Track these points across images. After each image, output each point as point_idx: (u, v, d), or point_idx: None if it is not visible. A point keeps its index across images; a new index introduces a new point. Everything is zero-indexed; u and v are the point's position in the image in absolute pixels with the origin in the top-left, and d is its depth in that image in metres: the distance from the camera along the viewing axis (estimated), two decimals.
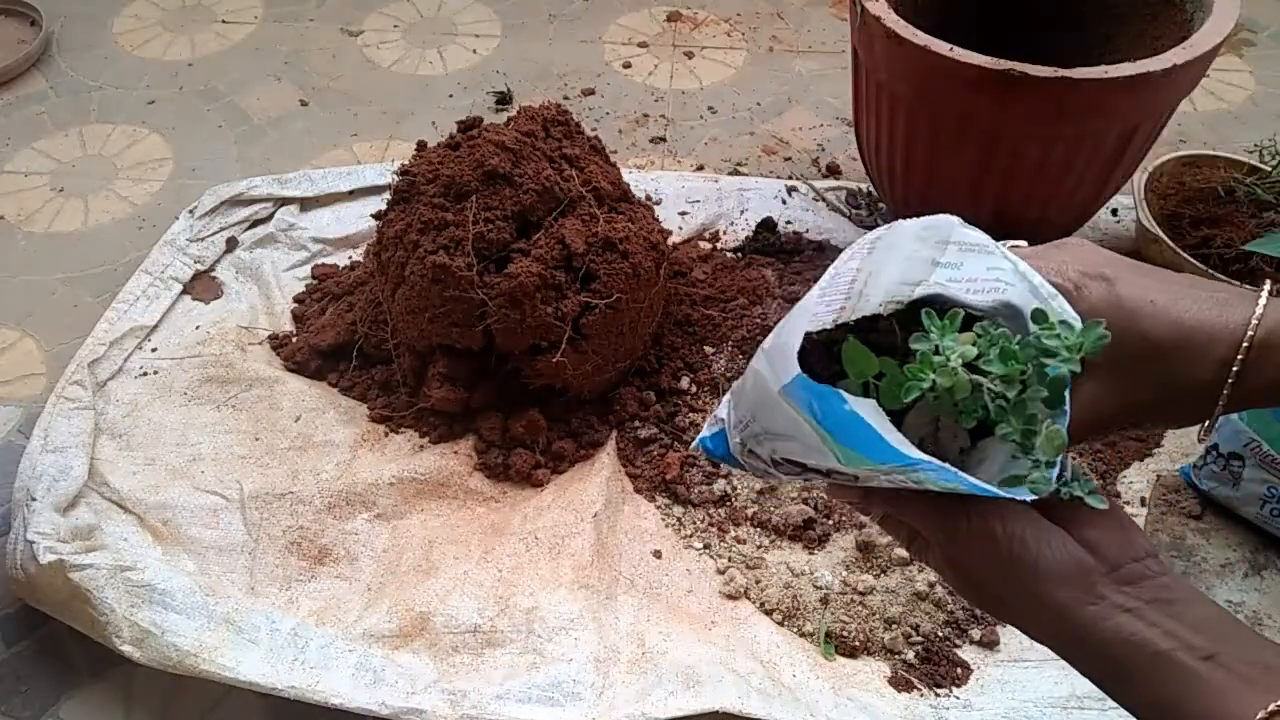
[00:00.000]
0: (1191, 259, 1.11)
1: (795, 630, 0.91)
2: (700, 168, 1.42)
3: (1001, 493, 0.38)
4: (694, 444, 0.51)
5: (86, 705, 0.89)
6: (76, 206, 1.37)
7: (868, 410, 0.37)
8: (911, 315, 0.39)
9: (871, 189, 1.33)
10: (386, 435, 1.06)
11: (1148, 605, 0.39)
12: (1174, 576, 0.41)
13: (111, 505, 0.97)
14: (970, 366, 0.38)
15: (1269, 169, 1.18)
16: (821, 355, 0.42)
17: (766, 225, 1.28)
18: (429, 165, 1.01)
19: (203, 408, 1.08)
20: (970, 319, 0.39)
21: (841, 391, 0.37)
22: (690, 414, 1.06)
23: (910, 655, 0.89)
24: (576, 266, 0.98)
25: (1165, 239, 1.13)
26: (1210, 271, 1.09)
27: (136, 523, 0.96)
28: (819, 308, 0.41)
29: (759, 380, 0.42)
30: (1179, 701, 0.38)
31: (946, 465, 0.37)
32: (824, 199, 1.34)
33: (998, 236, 0.43)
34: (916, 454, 0.37)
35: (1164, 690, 0.38)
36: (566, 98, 1.55)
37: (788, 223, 1.29)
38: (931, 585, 0.92)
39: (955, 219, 0.41)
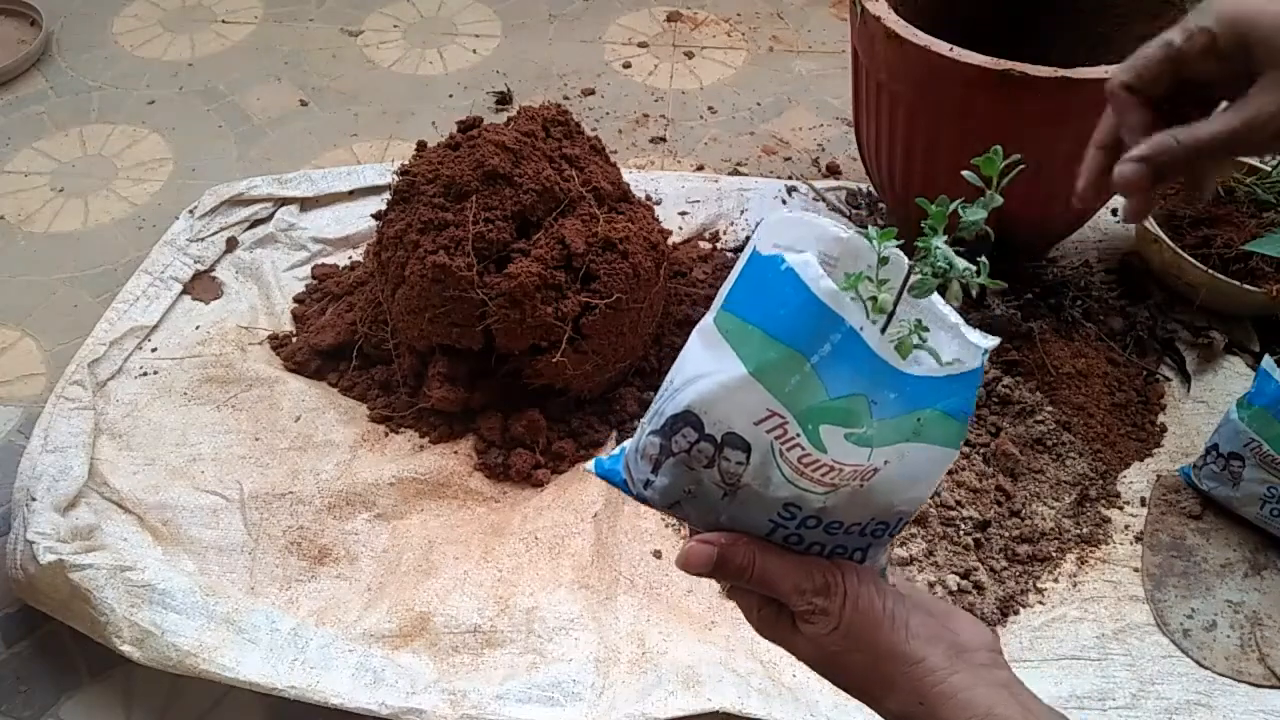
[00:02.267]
0: (1191, 259, 1.11)
1: None
2: (700, 168, 1.42)
3: (898, 362, 0.37)
4: (589, 466, 0.48)
5: (86, 705, 0.89)
6: (76, 206, 1.37)
7: (802, 264, 0.36)
8: None
9: (871, 189, 1.33)
10: (386, 435, 1.06)
11: (1003, 687, 0.42)
12: (1013, 674, 0.43)
13: (111, 505, 0.97)
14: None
15: (1269, 169, 1.18)
16: None
17: None
18: (429, 165, 1.01)
19: (203, 408, 1.08)
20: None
21: (783, 252, 0.37)
22: None
23: None
24: (576, 266, 0.98)
25: (1165, 239, 1.13)
26: (1210, 271, 1.09)
27: (136, 523, 0.96)
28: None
29: (696, 337, 0.41)
30: None
31: (863, 326, 0.36)
32: (824, 199, 1.34)
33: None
34: (843, 306, 0.35)
35: None
36: (566, 98, 1.55)
37: None
38: (931, 585, 0.92)
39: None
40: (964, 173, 0.40)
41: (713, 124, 1.51)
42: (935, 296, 0.41)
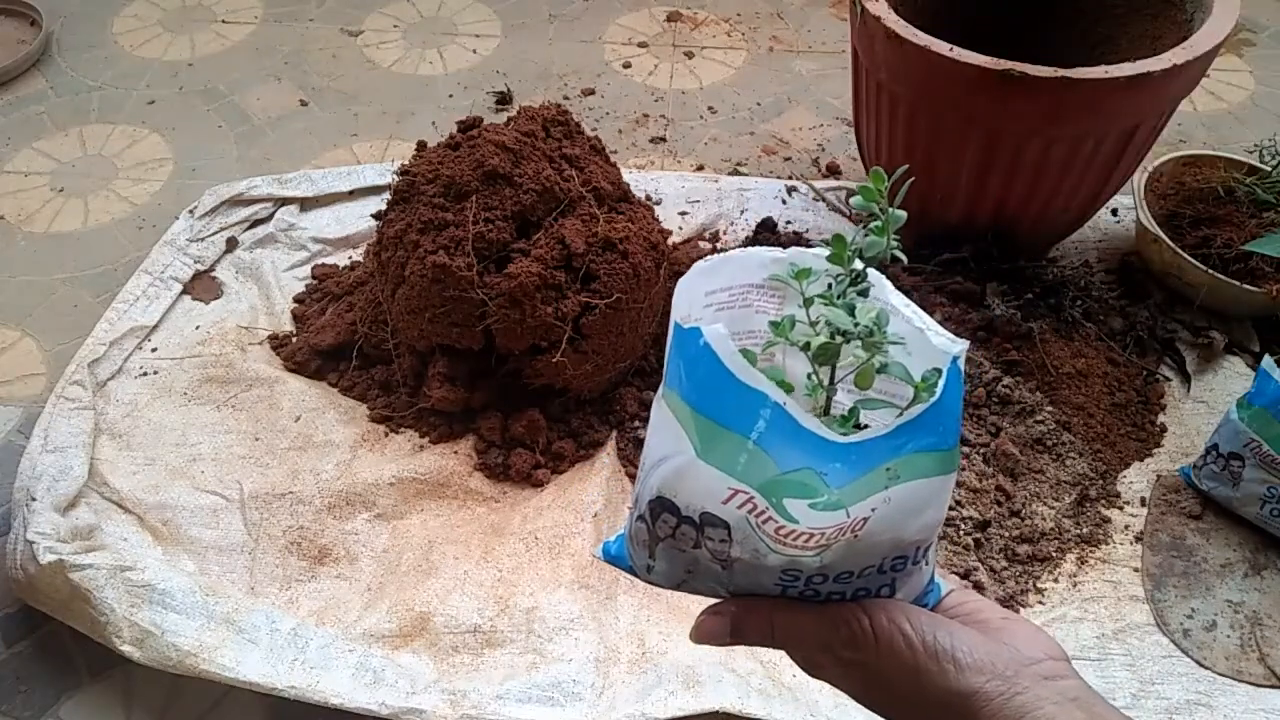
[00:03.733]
0: (1191, 259, 1.11)
1: None
2: (700, 168, 1.42)
3: (829, 435, 0.35)
4: (597, 552, 0.47)
5: (86, 705, 0.89)
6: (76, 206, 1.37)
7: (715, 334, 0.34)
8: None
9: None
10: (386, 435, 1.06)
11: (1071, 703, 0.38)
12: (1083, 680, 0.40)
13: (111, 505, 0.97)
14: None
15: (1269, 169, 1.18)
16: None
17: (766, 225, 1.28)
18: (429, 165, 1.01)
19: (203, 408, 1.08)
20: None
21: (700, 325, 0.35)
22: None
23: None
24: (576, 266, 0.98)
25: (1165, 239, 1.13)
26: (1210, 271, 1.09)
27: (136, 523, 0.96)
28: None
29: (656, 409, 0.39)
30: None
31: (786, 402, 0.34)
32: (824, 199, 1.34)
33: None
34: (760, 382, 0.33)
35: None
36: (566, 98, 1.55)
37: (788, 223, 1.29)
38: None
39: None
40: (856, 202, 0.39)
41: (713, 124, 1.51)
42: (899, 300, 0.39)
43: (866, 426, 0.38)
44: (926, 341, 0.38)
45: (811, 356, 0.37)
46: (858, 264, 0.38)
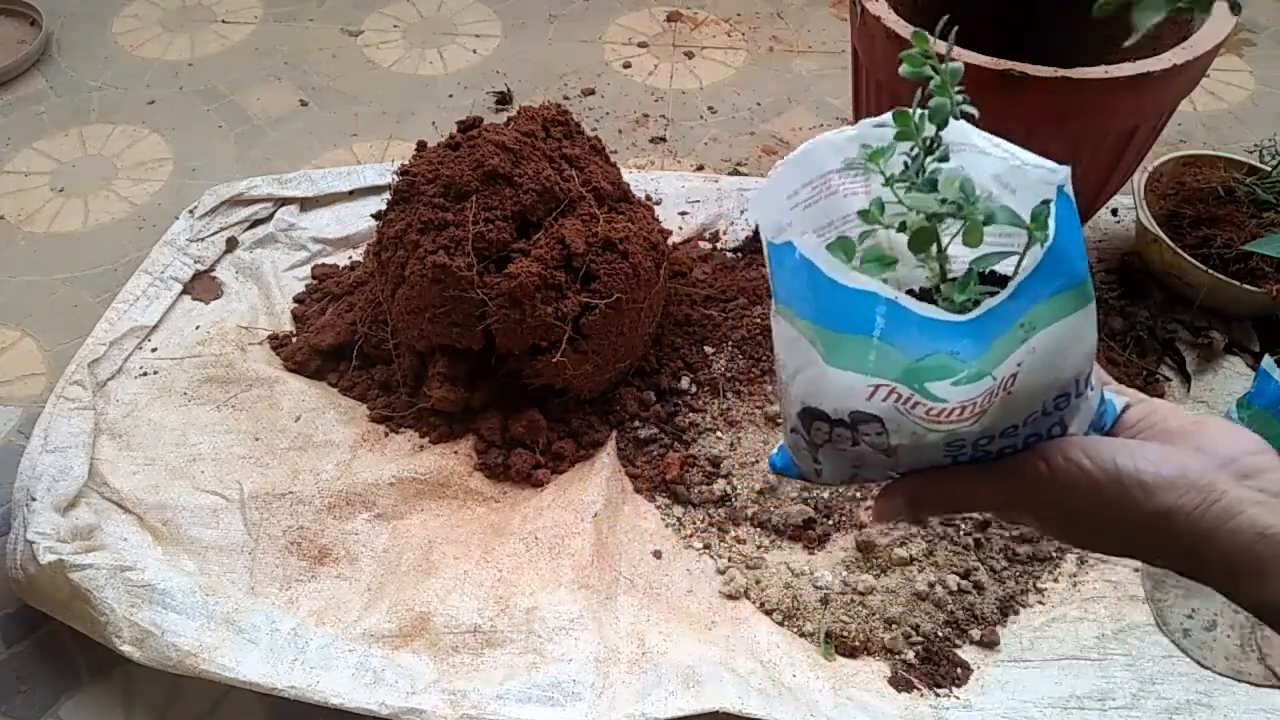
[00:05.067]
0: (1191, 259, 1.11)
1: (795, 630, 0.91)
2: (700, 168, 1.42)
3: (947, 317, 0.34)
4: (766, 464, 0.48)
5: (86, 705, 0.89)
6: (76, 206, 1.37)
7: (808, 244, 0.34)
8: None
9: None
10: (386, 435, 1.06)
11: (1276, 498, 0.35)
12: None
13: (111, 505, 0.97)
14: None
15: (1269, 169, 1.18)
16: None
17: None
18: (429, 165, 1.01)
19: (203, 408, 1.08)
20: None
21: (791, 239, 0.35)
22: (690, 414, 1.06)
23: (910, 655, 0.89)
24: (576, 266, 0.98)
25: (1165, 239, 1.13)
26: (1210, 271, 1.09)
27: (136, 523, 0.96)
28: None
29: (774, 322, 0.39)
30: None
31: (897, 296, 0.33)
32: None
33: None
34: (866, 283, 0.33)
35: None
36: (566, 98, 1.55)
37: None
38: (931, 585, 0.92)
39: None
40: None
41: (713, 124, 1.51)
42: (986, 141, 0.37)
43: (992, 276, 0.37)
44: (1025, 175, 0.36)
45: (909, 243, 0.36)
46: (930, 129, 0.36)
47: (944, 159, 0.37)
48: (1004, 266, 0.35)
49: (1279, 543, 0.34)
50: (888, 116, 0.37)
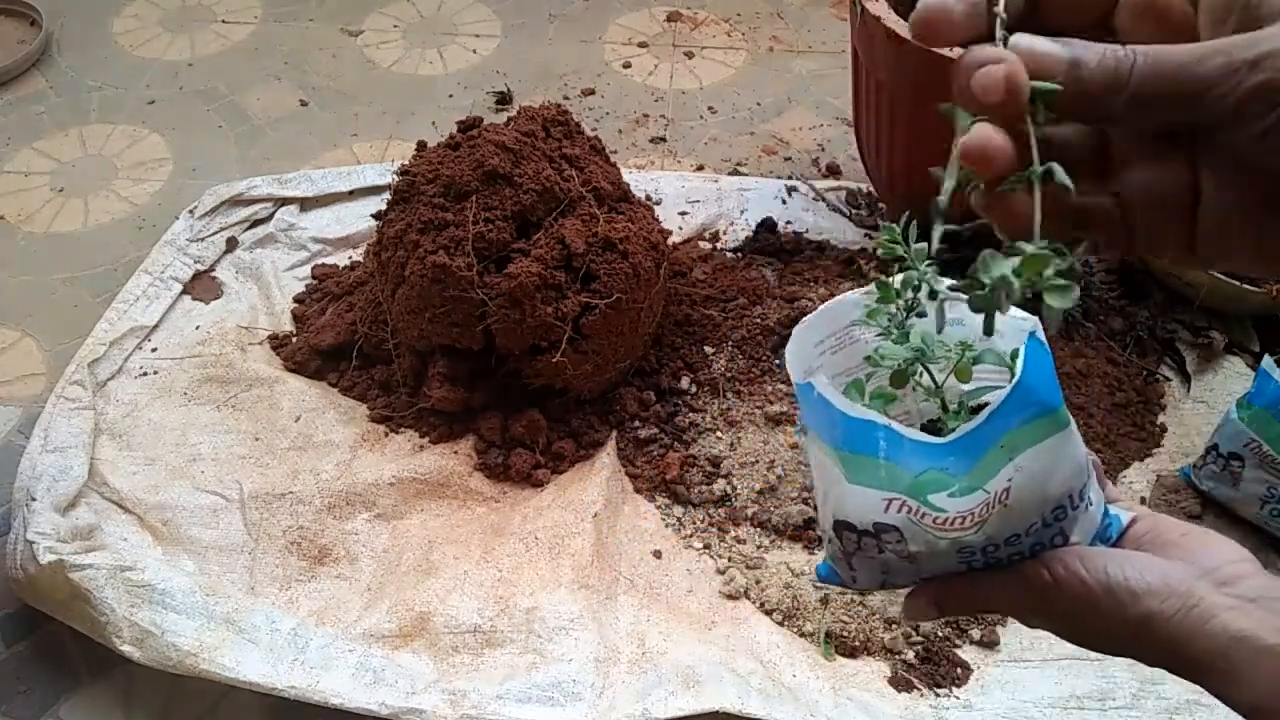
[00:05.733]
0: None
1: (795, 630, 0.91)
2: (700, 168, 1.42)
3: (931, 440, 0.40)
4: (815, 575, 0.56)
5: (86, 705, 0.89)
6: (76, 206, 1.37)
7: (822, 384, 0.40)
8: None
9: (871, 189, 1.33)
10: (386, 435, 1.06)
11: (1251, 603, 0.38)
12: (1273, 576, 0.39)
13: (111, 505, 0.97)
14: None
15: None
16: None
17: (766, 225, 1.28)
18: (429, 165, 1.01)
19: (203, 408, 1.08)
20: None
21: (811, 380, 0.41)
22: (690, 414, 1.06)
23: (910, 655, 0.89)
24: (576, 266, 0.98)
25: None
26: (1210, 271, 1.09)
27: (136, 523, 0.96)
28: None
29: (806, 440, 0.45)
30: None
31: (890, 423, 0.39)
32: (824, 199, 1.34)
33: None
34: (867, 414, 0.39)
35: (1274, 685, 0.36)
36: (566, 98, 1.55)
37: (788, 223, 1.29)
38: None
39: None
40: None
41: (713, 124, 1.51)
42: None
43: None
44: (1008, 324, 0.42)
45: (890, 381, 0.43)
46: (909, 294, 0.43)
47: (921, 314, 0.43)
48: (997, 397, 0.41)
49: (1249, 646, 0.37)
50: (897, 277, 0.44)
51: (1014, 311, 0.40)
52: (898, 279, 0.43)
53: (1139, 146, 0.36)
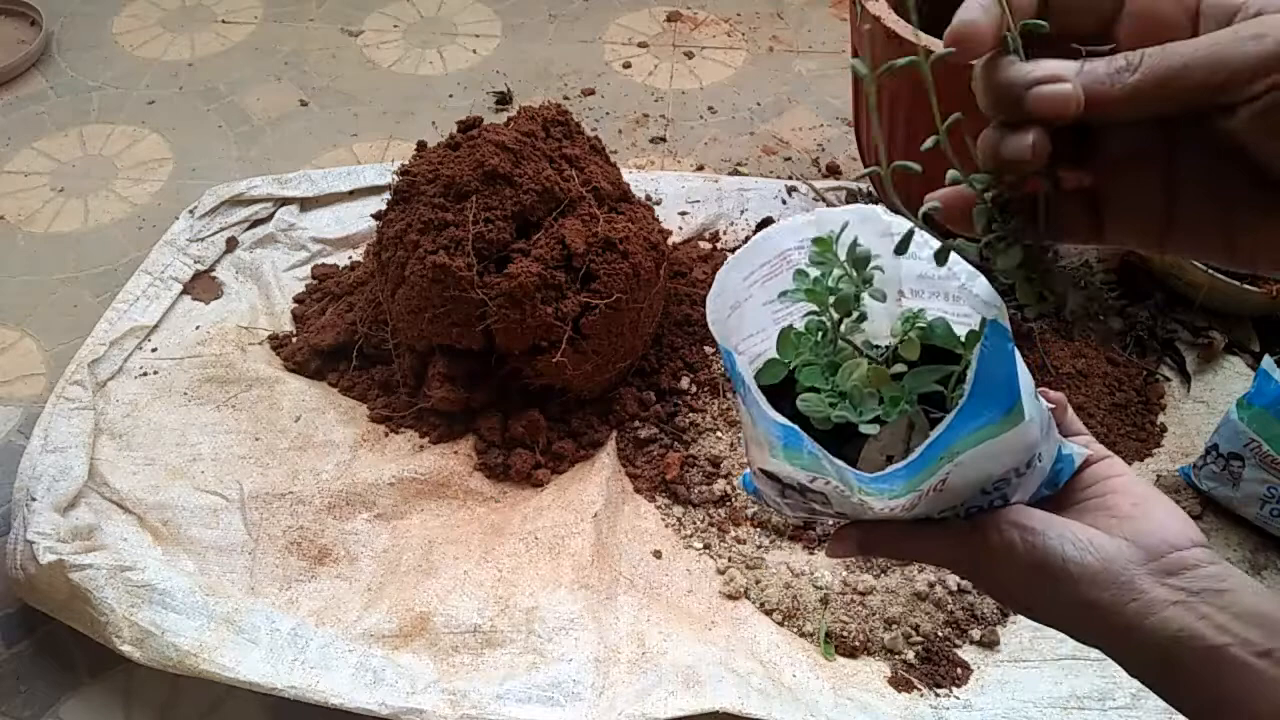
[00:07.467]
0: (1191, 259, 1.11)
1: (795, 630, 0.91)
2: (700, 168, 1.42)
3: (861, 474, 0.38)
4: (739, 481, 0.53)
5: (86, 705, 0.89)
6: (76, 206, 1.37)
7: (745, 369, 0.38)
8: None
9: (871, 189, 1.33)
10: (386, 435, 1.06)
11: (1195, 597, 0.35)
12: (1225, 565, 0.37)
13: (111, 505, 0.97)
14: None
15: None
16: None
17: (766, 225, 1.28)
18: (429, 165, 1.01)
19: (203, 408, 1.08)
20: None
21: (732, 353, 0.39)
22: (690, 414, 1.06)
23: (910, 655, 0.89)
24: (576, 266, 0.98)
25: None
26: (1210, 271, 1.09)
27: (136, 523, 0.96)
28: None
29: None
30: (1236, 700, 0.34)
31: (790, 424, 0.37)
32: (824, 199, 1.34)
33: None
34: (784, 420, 0.37)
35: (1218, 689, 0.34)
36: (566, 98, 1.55)
37: None
38: (931, 585, 0.92)
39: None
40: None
41: (713, 124, 1.51)
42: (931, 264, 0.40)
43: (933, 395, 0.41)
44: (971, 295, 0.39)
45: (833, 309, 0.40)
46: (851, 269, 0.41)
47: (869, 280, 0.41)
48: (943, 420, 0.36)
49: (1191, 646, 0.35)
50: (846, 208, 0.43)
51: (984, 288, 0.38)
52: (837, 233, 0.41)
53: (1120, 133, 0.35)
